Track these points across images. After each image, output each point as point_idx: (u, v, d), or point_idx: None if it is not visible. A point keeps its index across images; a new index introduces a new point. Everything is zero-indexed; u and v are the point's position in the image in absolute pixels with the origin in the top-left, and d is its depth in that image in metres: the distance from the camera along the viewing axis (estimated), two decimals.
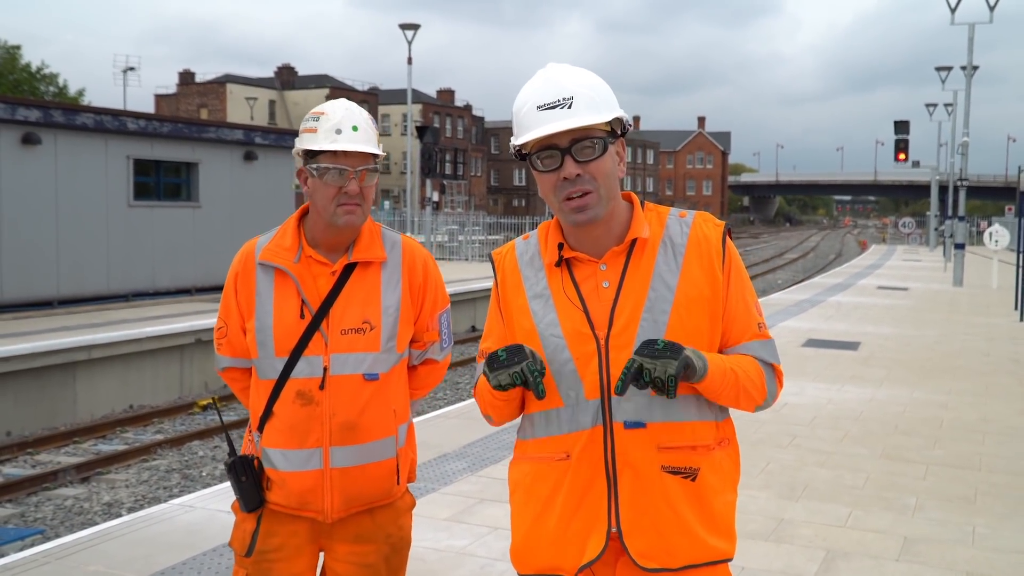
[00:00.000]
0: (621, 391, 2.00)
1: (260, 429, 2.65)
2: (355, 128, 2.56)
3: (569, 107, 2.06)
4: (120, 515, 7.86)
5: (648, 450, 2.11)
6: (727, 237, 2.22)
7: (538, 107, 2.08)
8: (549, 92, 2.09)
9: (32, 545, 6.75)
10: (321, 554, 2.73)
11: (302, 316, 2.59)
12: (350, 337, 2.59)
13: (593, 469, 2.12)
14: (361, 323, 2.60)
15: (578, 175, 2.07)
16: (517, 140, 2.13)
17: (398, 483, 2.70)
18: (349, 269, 2.63)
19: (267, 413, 2.62)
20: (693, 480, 2.12)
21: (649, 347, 1.99)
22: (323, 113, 2.60)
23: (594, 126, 2.09)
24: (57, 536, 7.28)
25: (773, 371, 2.23)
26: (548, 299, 2.18)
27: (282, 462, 2.60)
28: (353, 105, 2.64)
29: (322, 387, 2.57)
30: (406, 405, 2.75)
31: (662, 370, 1.96)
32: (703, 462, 2.14)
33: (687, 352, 2.00)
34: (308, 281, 2.61)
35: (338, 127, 2.55)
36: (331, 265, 2.62)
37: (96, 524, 6.62)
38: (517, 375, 2.03)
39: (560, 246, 2.19)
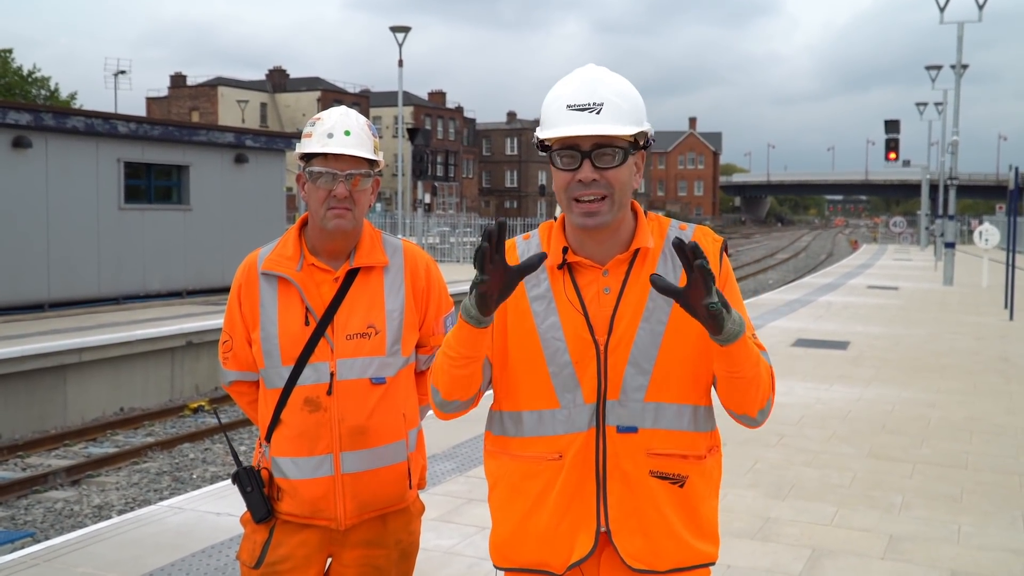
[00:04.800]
0: (657, 282, 1.93)
1: (268, 439, 2.65)
2: (347, 133, 2.57)
3: (597, 113, 2.07)
4: (110, 517, 7.86)
5: (638, 455, 2.14)
6: (724, 253, 2.24)
7: (568, 106, 2.09)
8: (582, 94, 2.09)
9: (22, 547, 6.75)
10: (328, 559, 2.71)
11: (307, 323, 2.59)
12: (355, 342, 2.59)
13: (584, 470, 2.15)
14: (366, 328, 2.60)
15: (594, 180, 2.08)
16: (541, 133, 2.14)
17: (410, 487, 2.70)
18: (352, 276, 2.63)
19: (275, 422, 2.61)
20: (681, 487, 2.16)
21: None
22: (320, 118, 2.62)
23: (617, 136, 2.08)
24: (47, 539, 7.28)
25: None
26: (550, 301, 2.18)
27: (292, 470, 2.59)
28: (352, 111, 2.65)
29: (329, 392, 2.57)
30: (415, 410, 2.75)
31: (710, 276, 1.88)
32: (692, 470, 2.17)
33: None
34: (311, 288, 2.61)
35: (330, 131, 2.56)
36: (333, 272, 2.63)
37: (86, 527, 6.61)
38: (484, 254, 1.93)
39: (564, 250, 2.19)
